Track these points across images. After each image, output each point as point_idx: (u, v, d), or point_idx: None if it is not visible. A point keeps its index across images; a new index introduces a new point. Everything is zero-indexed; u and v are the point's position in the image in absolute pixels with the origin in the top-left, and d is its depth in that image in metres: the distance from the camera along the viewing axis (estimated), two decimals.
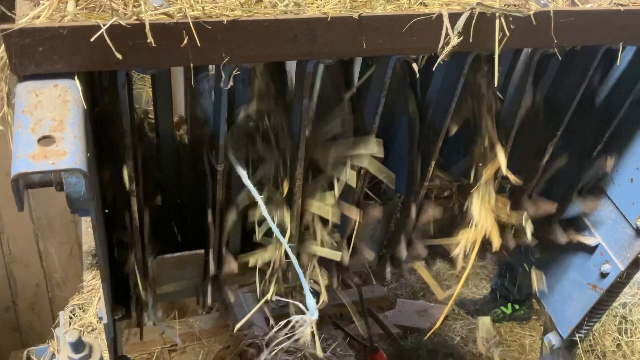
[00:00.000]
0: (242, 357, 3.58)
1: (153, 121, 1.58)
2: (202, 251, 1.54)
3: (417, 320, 5.63)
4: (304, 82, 1.37)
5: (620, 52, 1.46)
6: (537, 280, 2.13)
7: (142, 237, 1.43)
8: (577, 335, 2.08)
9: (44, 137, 0.99)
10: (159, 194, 1.69)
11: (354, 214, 1.64)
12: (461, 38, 1.28)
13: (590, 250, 1.94)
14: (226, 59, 1.17)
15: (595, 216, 1.93)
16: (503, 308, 5.32)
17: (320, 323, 5.23)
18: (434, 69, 1.36)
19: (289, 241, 1.60)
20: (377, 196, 1.79)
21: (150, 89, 1.60)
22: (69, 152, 0.98)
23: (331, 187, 1.60)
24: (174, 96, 1.59)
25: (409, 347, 5.23)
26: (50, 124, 1.01)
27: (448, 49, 1.28)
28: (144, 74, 1.28)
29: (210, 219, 1.47)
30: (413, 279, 6.37)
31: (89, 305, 1.88)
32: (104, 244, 1.35)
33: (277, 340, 3.84)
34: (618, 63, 1.46)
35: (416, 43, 1.30)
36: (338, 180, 1.56)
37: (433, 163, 1.60)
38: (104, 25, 1.06)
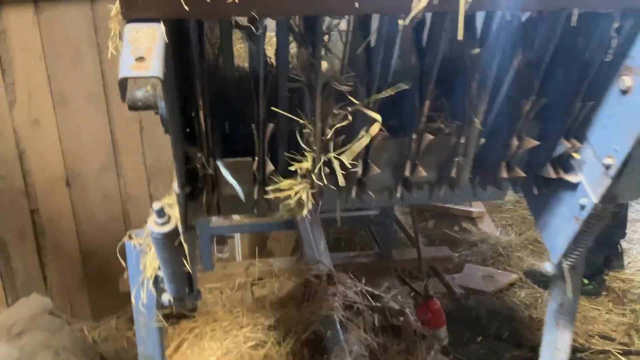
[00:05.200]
0: (307, 287, 4.15)
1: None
2: (250, 158, 2.10)
3: (481, 284, 5.82)
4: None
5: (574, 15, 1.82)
6: None
7: (208, 142, 2.01)
8: (565, 262, 2.45)
9: (139, 58, 1.59)
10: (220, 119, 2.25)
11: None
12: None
13: (574, 187, 2.30)
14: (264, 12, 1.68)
15: (580, 159, 2.29)
16: None
17: (386, 274, 5.63)
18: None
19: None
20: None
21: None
22: (153, 66, 1.57)
23: None
24: None
25: (469, 306, 5.47)
26: (144, 50, 1.60)
27: (416, 10, 1.69)
28: (210, 25, 1.84)
29: (255, 131, 2.03)
30: (484, 247, 6.59)
31: (174, 205, 2.52)
32: (178, 131, 1.93)
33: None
34: (573, 23, 1.83)
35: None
36: None
37: (427, 103, 2.06)
38: None
